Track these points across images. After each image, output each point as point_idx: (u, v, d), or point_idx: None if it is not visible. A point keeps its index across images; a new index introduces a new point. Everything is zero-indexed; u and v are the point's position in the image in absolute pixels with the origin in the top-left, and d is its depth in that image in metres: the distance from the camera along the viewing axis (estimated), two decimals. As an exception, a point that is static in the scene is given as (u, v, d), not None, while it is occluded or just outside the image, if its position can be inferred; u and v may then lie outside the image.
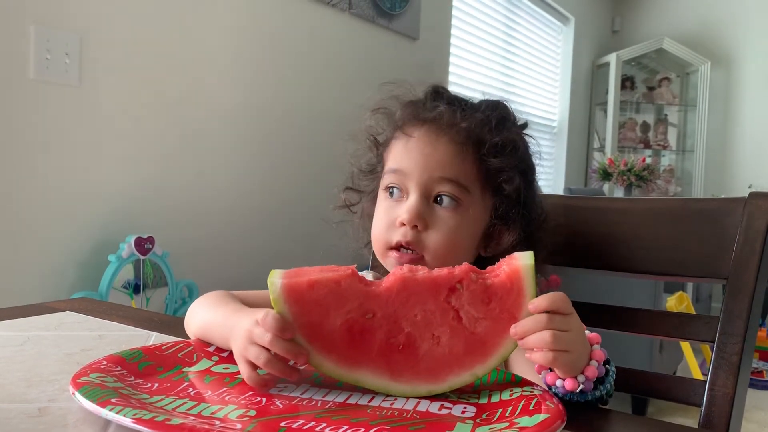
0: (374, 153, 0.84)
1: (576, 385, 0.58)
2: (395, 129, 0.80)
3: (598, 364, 0.60)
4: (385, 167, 0.80)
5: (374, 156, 0.85)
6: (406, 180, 0.76)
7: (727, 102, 4.84)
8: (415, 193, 0.75)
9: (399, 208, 0.76)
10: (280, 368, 0.58)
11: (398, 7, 2.65)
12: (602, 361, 0.60)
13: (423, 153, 0.76)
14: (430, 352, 0.59)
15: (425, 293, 0.59)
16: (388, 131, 0.83)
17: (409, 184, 0.76)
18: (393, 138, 0.81)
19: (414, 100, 0.82)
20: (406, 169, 0.76)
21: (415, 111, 0.79)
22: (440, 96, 0.82)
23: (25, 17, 1.46)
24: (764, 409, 2.81)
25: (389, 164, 0.79)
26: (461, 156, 0.76)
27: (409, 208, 0.74)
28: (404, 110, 0.80)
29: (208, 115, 1.93)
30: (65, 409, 0.53)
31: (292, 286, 0.58)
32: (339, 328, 0.58)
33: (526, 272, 0.59)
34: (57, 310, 0.91)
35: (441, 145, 0.76)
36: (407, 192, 0.76)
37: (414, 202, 0.75)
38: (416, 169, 0.76)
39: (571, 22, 4.49)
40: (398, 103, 0.82)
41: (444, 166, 0.75)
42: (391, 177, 0.78)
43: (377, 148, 0.84)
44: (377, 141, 0.84)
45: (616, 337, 0.92)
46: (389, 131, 0.82)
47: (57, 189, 1.55)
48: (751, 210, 0.81)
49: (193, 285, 1.80)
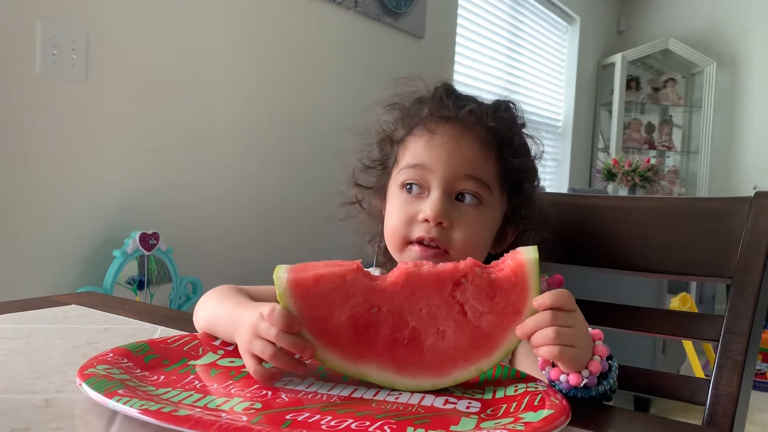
0: (387, 148, 0.84)
1: (580, 380, 0.59)
2: (414, 125, 0.80)
3: (601, 359, 0.60)
4: (401, 163, 0.79)
5: (386, 151, 0.84)
6: (427, 175, 0.76)
7: (733, 103, 4.83)
8: (437, 189, 0.75)
9: (419, 204, 0.76)
10: (286, 362, 0.58)
11: (404, 6, 2.65)
12: (605, 357, 0.61)
13: (448, 150, 0.76)
14: (435, 347, 0.59)
15: (430, 288, 0.60)
16: (403, 127, 0.82)
17: (431, 180, 0.76)
18: (410, 134, 0.80)
19: (427, 96, 0.82)
20: (429, 165, 0.76)
21: (438, 108, 0.79)
22: (453, 94, 0.81)
23: (32, 13, 1.47)
24: (767, 411, 2.80)
25: (408, 160, 0.78)
26: (485, 154, 0.77)
27: (434, 204, 0.74)
28: (425, 107, 0.80)
29: (214, 111, 1.93)
30: (72, 400, 0.54)
31: (298, 281, 0.58)
32: (344, 323, 0.59)
33: (530, 266, 0.59)
34: (63, 304, 0.91)
35: (466, 143, 0.76)
36: (428, 188, 0.76)
37: (438, 199, 0.74)
38: (440, 165, 0.75)
39: (576, 22, 4.48)
40: (413, 100, 0.82)
41: (469, 163, 0.76)
42: (411, 173, 0.77)
43: (391, 143, 0.83)
44: (391, 137, 0.83)
45: (619, 338, 0.92)
46: (405, 127, 0.81)
47: (63, 184, 1.56)
48: (757, 209, 0.81)
49: (197, 281, 1.81)
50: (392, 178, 0.81)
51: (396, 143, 0.82)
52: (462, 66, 3.25)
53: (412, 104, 0.82)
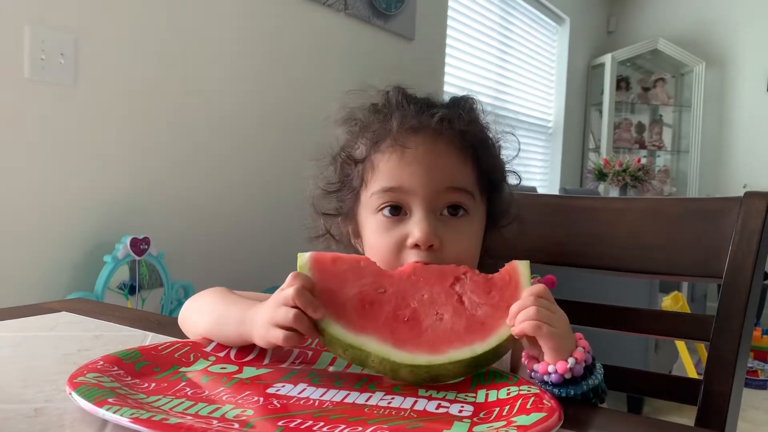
0: (348, 169, 0.76)
1: (567, 367, 0.60)
2: (379, 140, 0.72)
3: (584, 351, 0.62)
4: (372, 185, 0.72)
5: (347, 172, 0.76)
6: (406, 197, 0.70)
7: (722, 102, 4.86)
8: (420, 209, 0.69)
9: (403, 227, 0.70)
10: (308, 326, 0.61)
11: (394, 8, 2.66)
12: (587, 350, 0.63)
13: (424, 164, 0.70)
14: (433, 326, 0.63)
15: (433, 279, 0.66)
16: (364, 144, 0.74)
17: (411, 201, 0.70)
18: (377, 152, 0.72)
19: (380, 105, 0.75)
20: (408, 186, 0.70)
21: (404, 119, 0.71)
22: (410, 98, 0.74)
23: (20, 17, 1.46)
24: (759, 408, 2.82)
25: (381, 182, 0.71)
26: (462, 161, 0.72)
27: (421, 227, 0.68)
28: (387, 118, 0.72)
29: (204, 116, 1.92)
30: (62, 410, 0.53)
31: (318, 258, 0.65)
32: (352, 298, 0.64)
33: (523, 269, 0.66)
34: (53, 311, 0.90)
35: (442, 153, 0.71)
36: (409, 208, 0.70)
37: (424, 219, 0.69)
38: (420, 183, 0.69)
39: (566, 22, 4.50)
40: (367, 112, 0.75)
41: (449, 174, 0.71)
42: (387, 196, 0.71)
43: (354, 163, 0.75)
44: (352, 156, 0.75)
45: (612, 337, 0.92)
46: (367, 144, 0.73)
47: (52, 189, 1.55)
48: (747, 209, 0.81)
49: (188, 286, 1.80)
50: (362, 203, 0.75)
51: (359, 162, 0.74)
52: (452, 67, 3.26)
53: (367, 115, 0.75)
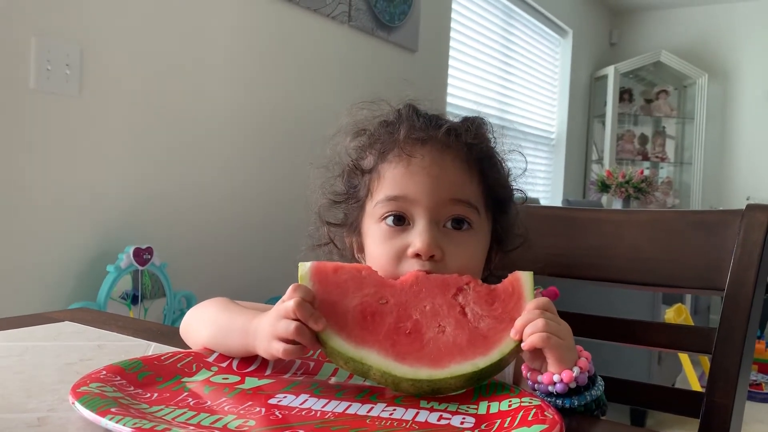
0: (356, 180, 0.77)
1: (572, 376, 0.60)
2: (386, 151, 0.73)
3: (587, 360, 0.63)
4: (377, 195, 0.73)
5: (355, 183, 0.77)
6: (410, 206, 0.70)
7: (725, 114, 4.86)
8: (423, 219, 0.70)
9: (405, 237, 0.70)
10: (309, 338, 0.61)
11: (397, 20, 2.67)
12: (589, 360, 0.63)
13: (430, 174, 0.70)
14: (435, 339, 0.62)
15: (435, 289, 0.65)
16: (372, 154, 0.75)
17: (415, 211, 0.70)
18: (384, 162, 0.73)
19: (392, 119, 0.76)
20: (413, 195, 0.70)
21: (412, 129, 0.72)
22: (422, 113, 0.75)
23: (26, 28, 1.47)
24: (763, 421, 2.80)
25: (385, 191, 0.72)
26: (469, 174, 0.72)
27: (423, 236, 0.68)
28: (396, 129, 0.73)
29: (207, 126, 1.93)
30: (65, 419, 0.53)
31: (319, 267, 0.65)
32: (353, 309, 0.63)
33: (526, 280, 0.65)
34: (56, 320, 0.91)
35: (449, 165, 0.71)
36: (412, 219, 0.71)
37: (427, 229, 0.69)
38: (424, 192, 0.70)
39: (569, 34, 4.51)
40: (377, 124, 0.76)
41: (454, 186, 0.71)
42: (391, 205, 0.71)
43: (361, 174, 0.76)
44: (360, 166, 0.76)
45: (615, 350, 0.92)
46: (375, 154, 0.74)
47: (56, 199, 1.56)
48: (749, 222, 0.81)
49: (191, 296, 1.80)
50: (367, 212, 0.75)
51: (366, 173, 0.75)
52: (455, 79, 3.27)
53: (377, 128, 0.76)
